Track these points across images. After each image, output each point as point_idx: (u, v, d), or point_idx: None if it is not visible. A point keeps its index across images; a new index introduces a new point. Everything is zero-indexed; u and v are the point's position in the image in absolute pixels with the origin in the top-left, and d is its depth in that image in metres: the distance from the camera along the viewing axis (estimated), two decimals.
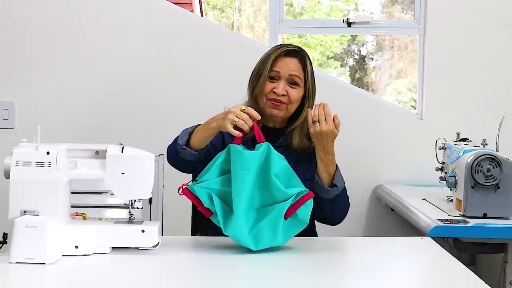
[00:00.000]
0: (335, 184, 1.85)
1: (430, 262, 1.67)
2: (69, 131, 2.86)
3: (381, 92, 7.47)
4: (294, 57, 1.95)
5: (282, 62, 1.93)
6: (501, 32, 2.93)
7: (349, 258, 1.67)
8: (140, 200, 1.66)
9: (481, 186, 2.01)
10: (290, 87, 1.93)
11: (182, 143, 1.81)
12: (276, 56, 1.93)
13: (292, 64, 1.93)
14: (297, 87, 1.94)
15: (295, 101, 1.94)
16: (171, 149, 1.89)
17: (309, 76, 1.96)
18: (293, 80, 1.93)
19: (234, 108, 1.73)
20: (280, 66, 1.93)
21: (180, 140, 1.82)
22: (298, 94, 1.94)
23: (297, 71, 1.93)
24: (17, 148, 1.59)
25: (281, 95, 1.91)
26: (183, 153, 1.82)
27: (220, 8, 8.99)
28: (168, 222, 2.79)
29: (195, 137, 1.82)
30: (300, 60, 1.95)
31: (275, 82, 1.93)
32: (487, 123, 2.63)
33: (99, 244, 1.59)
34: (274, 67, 1.93)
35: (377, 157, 2.94)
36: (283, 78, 1.92)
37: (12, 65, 2.89)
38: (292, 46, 2.01)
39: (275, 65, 1.93)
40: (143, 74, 2.90)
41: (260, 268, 1.53)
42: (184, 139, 1.81)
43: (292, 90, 1.93)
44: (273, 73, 1.93)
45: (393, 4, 7.33)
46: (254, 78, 1.97)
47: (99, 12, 2.89)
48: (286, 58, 1.94)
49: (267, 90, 1.93)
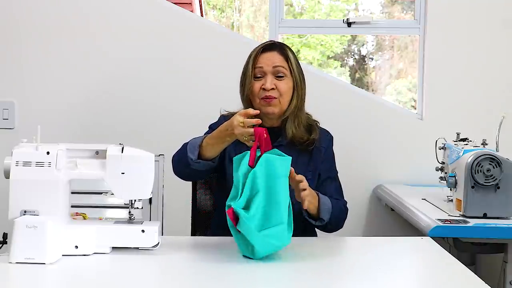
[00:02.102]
0: (322, 218, 1.84)
1: (430, 262, 1.67)
2: (69, 131, 2.86)
3: (381, 92, 7.47)
4: (273, 50, 1.97)
5: (263, 58, 1.95)
6: (501, 32, 2.93)
7: (349, 258, 1.67)
8: (140, 200, 1.66)
9: (481, 186, 2.01)
10: (277, 80, 1.94)
11: (194, 158, 1.81)
12: (255, 54, 1.96)
13: (273, 57, 1.95)
14: (284, 78, 1.95)
15: (285, 93, 1.95)
16: (178, 162, 1.88)
17: (293, 65, 1.97)
18: (279, 72, 1.94)
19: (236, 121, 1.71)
20: (262, 62, 1.95)
21: (191, 155, 1.81)
22: (287, 85, 1.95)
23: (279, 62, 1.95)
24: (17, 148, 1.59)
25: (270, 89, 1.92)
26: (196, 166, 1.82)
27: (220, 8, 8.99)
28: (168, 222, 2.79)
29: (207, 149, 1.81)
30: (280, 51, 1.97)
31: (261, 79, 1.94)
32: (487, 123, 2.63)
33: (99, 244, 1.59)
34: (256, 65, 1.95)
35: (377, 157, 2.94)
36: (268, 72, 1.94)
37: (12, 65, 2.89)
38: (270, 41, 2.04)
39: (256, 62, 1.95)
40: (143, 74, 2.90)
41: (260, 268, 1.53)
42: (196, 153, 1.81)
43: (280, 82, 1.94)
44: (257, 71, 1.95)
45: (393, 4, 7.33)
46: (242, 81, 1.99)
47: (99, 12, 2.89)
48: (266, 53, 1.96)
49: (257, 89, 1.94)
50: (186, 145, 1.86)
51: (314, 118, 2.06)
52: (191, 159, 1.81)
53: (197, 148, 1.81)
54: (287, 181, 1.63)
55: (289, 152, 1.70)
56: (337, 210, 1.89)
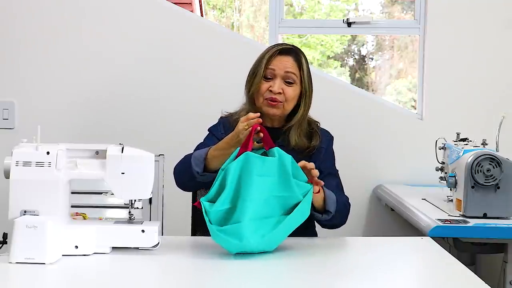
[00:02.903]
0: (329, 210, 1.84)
1: (430, 262, 1.67)
2: (69, 131, 2.86)
3: (381, 92, 7.47)
4: (289, 55, 1.96)
5: (277, 61, 1.94)
6: (501, 32, 2.93)
7: (349, 258, 1.67)
8: (140, 200, 1.66)
9: (481, 186, 2.01)
10: (286, 85, 1.93)
11: (200, 171, 1.81)
12: (270, 55, 1.94)
13: (287, 62, 1.94)
14: (293, 85, 1.94)
15: (291, 99, 1.94)
16: (182, 175, 1.88)
17: (305, 74, 1.96)
18: (289, 78, 1.93)
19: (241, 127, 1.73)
20: (275, 65, 1.94)
21: (197, 168, 1.80)
22: (294, 92, 1.94)
23: (292, 68, 1.94)
24: (17, 148, 1.59)
25: (277, 92, 1.91)
26: (202, 178, 1.82)
27: (220, 8, 8.98)
28: (168, 222, 2.79)
29: (212, 161, 1.80)
30: (295, 58, 1.96)
31: (270, 81, 1.94)
32: (487, 123, 2.63)
33: (99, 244, 1.59)
34: (269, 66, 1.94)
35: (377, 157, 2.93)
36: (279, 76, 1.93)
37: (12, 65, 2.89)
38: (287, 44, 2.02)
39: (270, 63, 1.94)
40: (143, 74, 2.90)
41: (260, 268, 1.53)
42: (201, 166, 1.81)
43: (288, 88, 1.93)
44: (268, 72, 1.94)
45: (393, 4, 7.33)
46: (250, 78, 1.98)
47: (99, 12, 2.89)
48: (281, 56, 1.95)
49: (263, 89, 1.93)
50: (189, 158, 1.84)
51: (315, 119, 2.06)
52: (197, 172, 1.81)
53: (203, 161, 1.81)
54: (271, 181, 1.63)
55: (289, 152, 1.71)
56: (341, 204, 1.89)
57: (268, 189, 1.63)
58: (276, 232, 1.61)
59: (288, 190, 1.65)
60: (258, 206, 1.60)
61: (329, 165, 2.02)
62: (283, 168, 1.65)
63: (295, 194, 1.66)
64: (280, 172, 1.65)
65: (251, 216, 1.58)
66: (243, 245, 1.57)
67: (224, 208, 1.61)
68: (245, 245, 1.57)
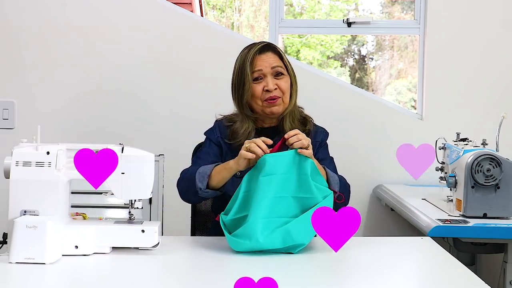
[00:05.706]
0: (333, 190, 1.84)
1: (430, 262, 1.67)
2: (69, 131, 2.86)
3: (381, 92, 7.47)
4: (268, 51, 1.98)
5: (260, 60, 1.96)
6: (501, 32, 2.93)
7: (349, 258, 1.67)
8: (140, 200, 1.66)
9: (481, 186, 2.01)
10: (277, 79, 1.95)
11: (203, 187, 1.81)
12: (251, 58, 1.95)
13: (270, 58, 1.96)
14: (283, 76, 1.97)
15: (287, 91, 1.97)
16: (186, 190, 1.88)
17: (287, 63, 2.00)
18: (277, 72, 1.96)
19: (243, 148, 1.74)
20: (260, 65, 1.95)
21: (200, 184, 1.81)
22: (287, 83, 1.98)
23: (276, 62, 1.97)
24: (17, 148, 1.59)
25: (273, 89, 1.93)
26: (204, 195, 1.84)
27: (220, 8, 8.99)
28: (168, 222, 2.79)
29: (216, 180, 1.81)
30: (274, 52, 1.99)
31: (261, 81, 1.95)
32: (487, 123, 2.63)
33: (99, 244, 1.60)
34: (254, 68, 1.95)
35: (377, 157, 2.93)
36: (268, 74, 1.95)
37: (12, 65, 2.89)
38: (260, 42, 2.03)
39: (254, 66, 1.95)
40: (143, 74, 2.90)
41: (260, 268, 1.53)
42: (205, 183, 1.81)
43: (280, 81, 1.96)
44: (256, 74, 1.95)
45: (393, 4, 7.33)
46: (237, 88, 1.98)
47: (99, 12, 2.89)
48: (261, 55, 1.96)
49: (259, 91, 1.94)
50: (194, 173, 1.84)
51: (308, 114, 2.07)
52: (199, 189, 1.82)
53: (207, 178, 1.81)
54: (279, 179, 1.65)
55: (286, 149, 1.72)
56: (343, 184, 1.91)
57: (277, 187, 1.65)
58: (287, 227, 1.62)
59: (308, 191, 1.68)
60: (270, 205, 1.64)
61: (324, 154, 2.03)
62: (299, 168, 1.68)
63: (315, 196, 1.68)
64: (296, 171, 1.68)
65: (261, 215, 1.62)
66: (253, 244, 1.60)
67: (237, 217, 1.67)
68: (254, 244, 1.60)
